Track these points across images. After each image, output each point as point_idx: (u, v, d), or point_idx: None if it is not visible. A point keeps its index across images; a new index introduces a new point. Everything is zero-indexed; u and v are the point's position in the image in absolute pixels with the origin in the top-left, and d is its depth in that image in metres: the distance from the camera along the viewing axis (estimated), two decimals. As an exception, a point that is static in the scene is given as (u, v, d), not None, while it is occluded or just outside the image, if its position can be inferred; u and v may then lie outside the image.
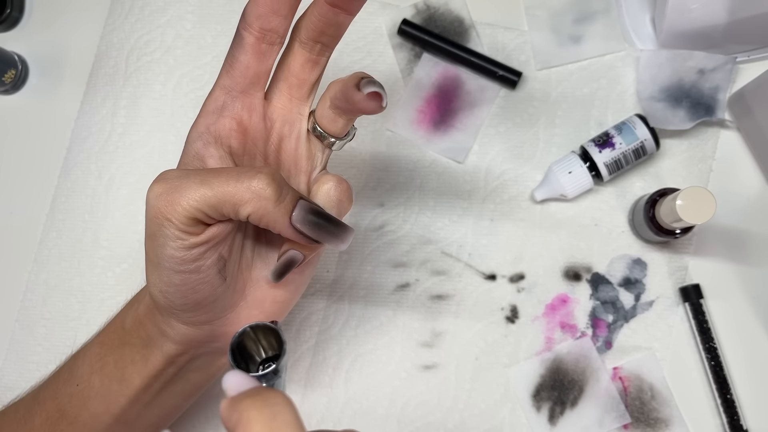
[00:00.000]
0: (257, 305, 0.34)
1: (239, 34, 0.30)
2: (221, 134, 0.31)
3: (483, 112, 0.50)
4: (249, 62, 0.30)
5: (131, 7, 0.53)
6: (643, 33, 0.50)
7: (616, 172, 0.47)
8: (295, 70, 0.32)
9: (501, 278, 0.48)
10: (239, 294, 0.34)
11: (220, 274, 0.31)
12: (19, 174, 0.52)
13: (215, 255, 0.30)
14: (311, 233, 0.29)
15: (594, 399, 0.46)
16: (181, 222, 0.28)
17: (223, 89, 0.31)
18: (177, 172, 0.29)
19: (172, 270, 0.30)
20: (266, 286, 0.34)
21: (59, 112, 0.52)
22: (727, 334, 0.47)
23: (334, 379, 0.48)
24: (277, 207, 0.28)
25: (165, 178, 0.29)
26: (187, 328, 0.33)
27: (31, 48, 0.53)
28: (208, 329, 0.33)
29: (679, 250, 0.48)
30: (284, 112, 0.33)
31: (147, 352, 0.34)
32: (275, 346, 0.28)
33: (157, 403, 0.36)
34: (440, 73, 0.50)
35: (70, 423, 0.35)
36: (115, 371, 0.35)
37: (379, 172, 0.50)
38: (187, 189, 0.28)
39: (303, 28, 0.31)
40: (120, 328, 0.36)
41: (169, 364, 0.34)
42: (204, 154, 0.31)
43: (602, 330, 0.47)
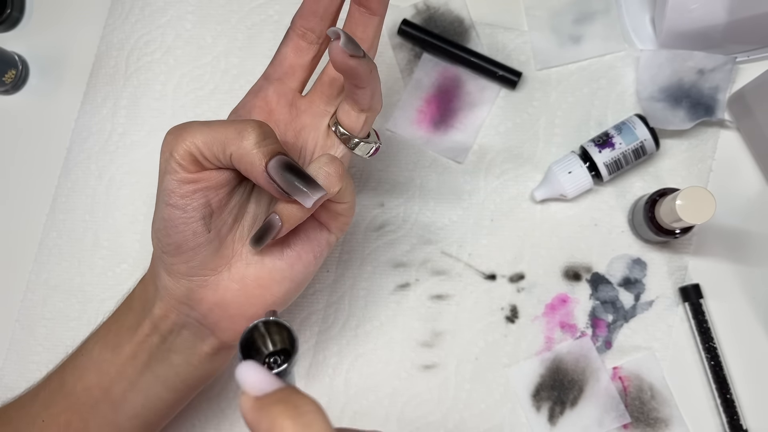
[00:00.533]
0: (238, 280, 0.35)
1: (287, 32, 0.36)
2: (250, 111, 0.36)
3: (483, 112, 0.50)
4: (287, 54, 0.36)
5: (131, 8, 0.53)
6: (643, 33, 0.50)
7: (615, 172, 0.47)
8: (328, 69, 0.36)
9: (501, 278, 0.48)
10: (223, 259, 0.35)
11: (204, 222, 0.33)
12: (19, 174, 0.52)
13: (203, 199, 0.33)
14: (281, 182, 0.31)
15: (594, 399, 0.46)
16: (180, 156, 0.31)
17: (264, 76, 0.37)
18: (192, 121, 0.33)
19: (164, 202, 0.33)
20: (252, 264, 0.35)
21: (59, 112, 0.53)
22: (727, 334, 0.47)
23: (334, 379, 0.48)
24: (256, 151, 0.31)
25: (181, 123, 0.33)
26: (169, 280, 0.35)
27: (32, 48, 0.54)
28: (185, 285, 0.35)
29: (678, 250, 0.48)
30: (312, 106, 0.37)
31: (140, 318, 0.36)
32: (286, 342, 0.27)
33: (142, 386, 0.36)
34: (440, 74, 0.51)
35: (65, 395, 0.36)
36: (112, 339, 0.37)
37: (380, 172, 0.50)
38: (191, 128, 0.32)
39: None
40: (129, 297, 0.38)
41: (153, 330, 0.36)
42: None
43: (602, 330, 0.47)
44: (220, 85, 0.52)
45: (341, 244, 0.49)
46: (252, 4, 0.52)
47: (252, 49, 0.52)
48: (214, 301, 0.35)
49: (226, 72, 0.52)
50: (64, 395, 0.36)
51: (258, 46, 0.52)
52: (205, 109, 0.52)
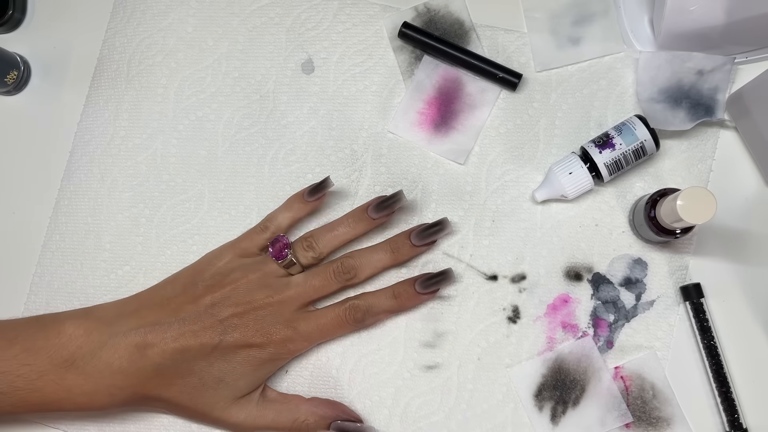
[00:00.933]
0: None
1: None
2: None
3: (483, 113, 0.50)
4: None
5: (133, 11, 0.53)
6: (642, 34, 0.50)
7: (616, 172, 0.47)
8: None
9: (502, 279, 0.49)
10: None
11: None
12: (21, 175, 0.52)
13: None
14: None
15: (596, 398, 0.47)
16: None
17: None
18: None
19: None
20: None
21: (62, 112, 0.53)
22: (728, 333, 0.47)
23: (338, 380, 0.48)
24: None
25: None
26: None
27: (34, 49, 0.54)
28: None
29: (679, 250, 0.48)
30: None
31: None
32: None
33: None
34: (441, 75, 0.51)
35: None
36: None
37: (381, 175, 0.50)
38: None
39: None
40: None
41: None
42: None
43: (603, 330, 0.48)
44: (222, 87, 0.52)
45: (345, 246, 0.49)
46: (253, 6, 0.53)
47: (253, 51, 0.52)
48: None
49: (227, 75, 0.52)
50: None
51: (259, 48, 0.52)
52: (207, 111, 0.52)
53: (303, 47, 0.52)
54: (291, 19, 0.52)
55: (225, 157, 0.51)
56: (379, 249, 0.46)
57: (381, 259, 0.46)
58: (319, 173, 0.51)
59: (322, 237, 0.46)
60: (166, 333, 0.42)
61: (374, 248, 0.46)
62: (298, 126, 0.51)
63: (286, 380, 0.48)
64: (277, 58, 0.52)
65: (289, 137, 0.51)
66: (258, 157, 0.51)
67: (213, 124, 0.52)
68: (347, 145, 0.51)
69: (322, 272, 0.45)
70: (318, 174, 0.51)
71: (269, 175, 0.51)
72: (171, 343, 0.42)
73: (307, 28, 0.52)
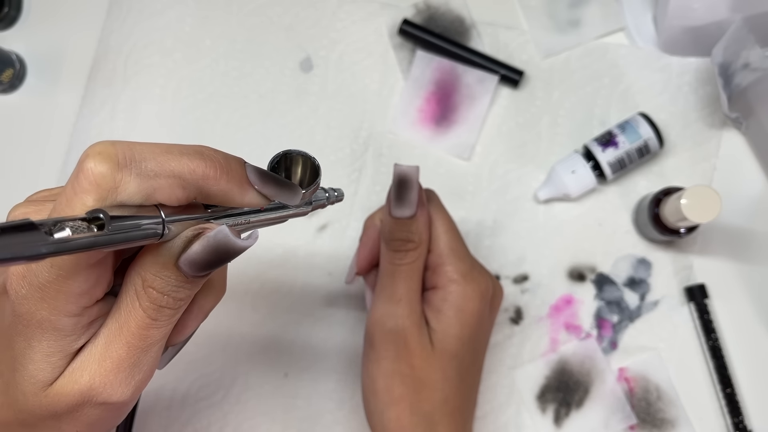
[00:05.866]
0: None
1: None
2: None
3: (484, 103, 0.49)
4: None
5: (129, 9, 0.52)
6: (645, 31, 0.50)
7: (619, 171, 0.47)
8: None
9: (505, 279, 0.48)
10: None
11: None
12: (17, 175, 0.52)
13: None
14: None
15: (599, 400, 0.46)
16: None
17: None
18: None
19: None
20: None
21: (57, 111, 0.52)
22: (732, 335, 0.46)
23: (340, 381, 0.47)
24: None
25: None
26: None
27: (29, 47, 0.53)
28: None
29: (683, 250, 0.48)
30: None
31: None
32: (307, 172, 0.28)
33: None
34: (436, 69, 0.50)
35: None
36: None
37: (382, 175, 0.50)
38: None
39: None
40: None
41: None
42: None
43: (607, 330, 0.47)
44: (220, 88, 0.51)
45: (350, 247, 0.48)
46: (251, 5, 0.52)
47: (252, 50, 0.52)
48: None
49: (225, 74, 0.52)
50: None
51: (258, 47, 0.52)
52: (205, 112, 0.51)
53: (301, 46, 0.51)
54: (289, 17, 0.52)
55: (223, 157, 0.51)
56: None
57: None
58: (319, 173, 0.50)
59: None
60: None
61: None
62: (297, 125, 0.51)
63: (286, 383, 0.48)
64: (275, 56, 0.51)
65: (288, 137, 0.51)
66: (257, 157, 0.50)
67: (211, 124, 0.51)
68: (347, 145, 0.50)
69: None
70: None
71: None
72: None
73: (305, 26, 0.52)
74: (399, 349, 0.37)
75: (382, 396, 0.38)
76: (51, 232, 0.18)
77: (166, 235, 0.22)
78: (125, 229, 0.21)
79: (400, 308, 0.37)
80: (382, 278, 0.39)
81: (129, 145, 0.22)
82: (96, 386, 0.24)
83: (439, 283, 0.38)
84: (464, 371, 0.38)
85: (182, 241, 0.23)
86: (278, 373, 0.48)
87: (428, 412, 0.37)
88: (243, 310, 0.48)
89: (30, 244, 0.18)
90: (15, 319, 0.24)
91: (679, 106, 0.49)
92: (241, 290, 0.48)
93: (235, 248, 0.23)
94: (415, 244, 0.37)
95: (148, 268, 0.23)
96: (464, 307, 0.37)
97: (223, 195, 0.25)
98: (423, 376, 0.37)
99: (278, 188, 0.27)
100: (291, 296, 0.48)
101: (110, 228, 0.20)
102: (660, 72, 0.50)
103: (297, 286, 0.49)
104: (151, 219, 0.22)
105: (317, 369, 0.48)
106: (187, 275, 0.23)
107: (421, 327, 0.37)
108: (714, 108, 0.49)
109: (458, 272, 0.38)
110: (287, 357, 0.48)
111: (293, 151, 0.28)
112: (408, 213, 0.37)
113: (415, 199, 0.37)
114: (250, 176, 0.26)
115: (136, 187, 0.22)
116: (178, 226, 0.23)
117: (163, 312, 0.24)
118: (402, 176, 0.37)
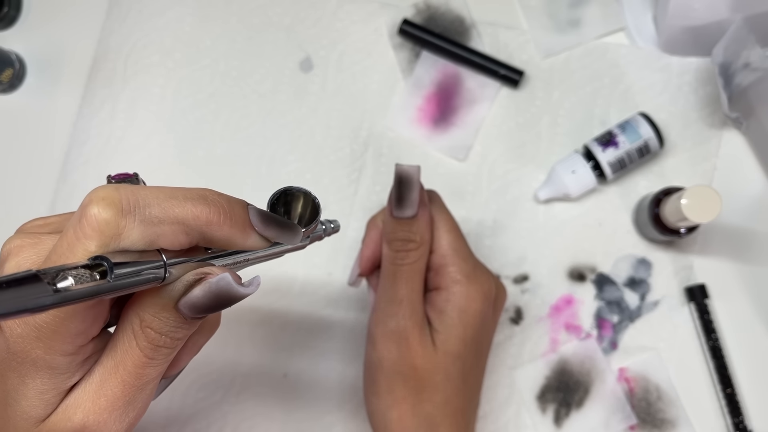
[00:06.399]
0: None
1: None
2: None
3: (483, 109, 0.50)
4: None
5: (129, 9, 0.52)
6: (645, 31, 0.50)
7: (619, 171, 0.47)
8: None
9: (505, 279, 0.48)
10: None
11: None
12: (16, 176, 0.51)
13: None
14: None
15: (600, 400, 0.46)
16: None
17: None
18: None
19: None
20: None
21: (57, 111, 0.52)
22: (733, 335, 0.46)
23: (340, 381, 0.47)
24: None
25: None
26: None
27: (29, 47, 0.53)
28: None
29: (684, 250, 0.47)
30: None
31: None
32: (307, 209, 0.28)
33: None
34: (440, 71, 0.50)
35: None
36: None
37: (381, 175, 0.50)
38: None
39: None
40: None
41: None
42: None
43: (607, 330, 0.47)
44: (220, 87, 0.51)
45: (351, 248, 0.48)
46: (252, 5, 0.52)
47: (252, 50, 0.52)
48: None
49: (226, 74, 0.51)
50: None
51: (258, 47, 0.52)
52: (205, 112, 0.51)
53: (301, 46, 0.51)
54: (290, 17, 0.52)
55: (223, 157, 0.51)
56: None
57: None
58: (318, 173, 0.50)
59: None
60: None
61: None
62: (297, 125, 0.51)
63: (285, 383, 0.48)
64: (275, 56, 0.51)
65: (287, 137, 0.50)
66: (256, 157, 0.50)
67: (211, 124, 0.51)
68: (347, 144, 0.50)
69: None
70: (317, 174, 0.50)
71: (267, 175, 0.50)
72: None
73: (305, 26, 0.52)
74: (401, 349, 0.37)
75: (384, 397, 0.38)
76: (54, 281, 0.18)
77: (167, 278, 0.22)
78: (127, 275, 0.20)
79: (401, 309, 0.37)
80: (384, 279, 0.38)
81: (133, 190, 0.22)
82: (90, 424, 0.24)
83: (441, 283, 0.38)
84: (467, 372, 0.38)
85: (183, 285, 0.23)
86: (278, 373, 0.47)
87: (430, 413, 0.37)
88: (242, 311, 0.48)
89: (34, 297, 0.17)
90: (9, 356, 0.24)
91: (679, 106, 0.49)
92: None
93: (236, 295, 0.23)
94: (417, 245, 0.37)
95: (147, 308, 0.23)
96: (467, 308, 0.37)
97: (226, 240, 0.25)
98: (425, 378, 0.37)
99: (280, 230, 0.27)
100: (290, 296, 0.48)
101: (113, 276, 0.20)
102: (660, 72, 0.49)
103: (296, 286, 0.49)
104: (153, 263, 0.22)
105: (317, 369, 0.48)
106: (186, 317, 0.23)
107: (423, 328, 0.37)
108: (714, 108, 0.49)
109: (461, 273, 0.37)
110: (286, 357, 0.48)
111: (294, 188, 0.28)
112: (409, 213, 0.37)
113: (416, 199, 0.37)
114: (252, 219, 0.26)
115: (139, 234, 0.21)
116: (178, 269, 0.23)
117: (160, 351, 0.24)
118: (403, 176, 0.37)
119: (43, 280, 0.18)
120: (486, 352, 0.40)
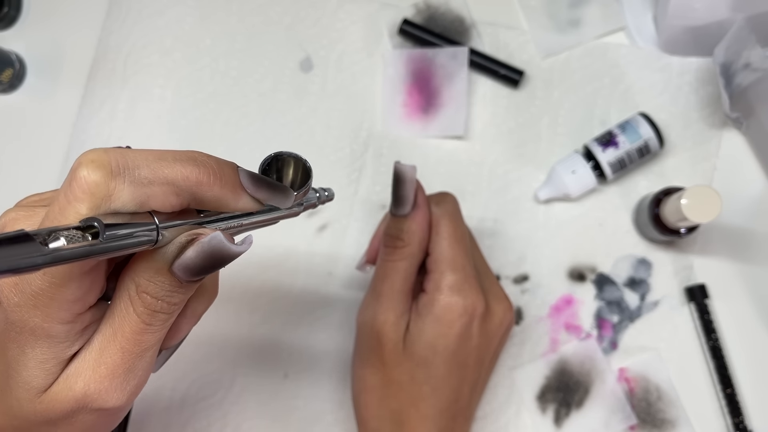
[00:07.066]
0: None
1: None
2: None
3: (462, 77, 0.49)
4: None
5: (129, 9, 0.52)
6: (645, 31, 0.50)
7: (619, 171, 0.47)
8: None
9: (505, 279, 0.48)
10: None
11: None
12: (16, 176, 0.51)
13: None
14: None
15: (600, 400, 0.46)
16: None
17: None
18: None
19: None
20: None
21: (57, 110, 0.52)
22: (733, 335, 0.46)
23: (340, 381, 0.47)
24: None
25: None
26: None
27: (29, 47, 0.53)
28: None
29: (684, 250, 0.47)
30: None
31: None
32: (299, 174, 0.28)
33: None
34: (408, 61, 0.50)
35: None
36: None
37: (381, 175, 0.50)
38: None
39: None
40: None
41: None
42: None
43: (607, 330, 0.47)
44: (220, 87, 0.51)
45: (350, 247, 0.48)
46: (252, 4, 0.52)
47: (252, 50, 0.52)
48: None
49: (225, 74, 0.51)
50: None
51: (258, 47, 0.52)
52: (205, 111, 0.51)
53: (302, 45, 0.51)
54: (290, 17, 0.52)
55: (223, 157, 0.51)
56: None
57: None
58: (318, 173, 0.50)
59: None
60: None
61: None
62: (297, 125, 0.51)
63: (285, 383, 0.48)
64: (275, 56, 0.51)
65: (287, 136, 0.50)
66: (256, 157, 0.50)
67: (211, 124, 0.51)
68: (347, 144, 0.50)
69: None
70: (317, 174, 0.50)
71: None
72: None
73: (305, 25, 0.51)
74: (372, 342, 0.38)
75: (357, 382, 0.40)
76: (46, 242, 0.18)
77: (160, 241, 0.22)
78: (120, 237, 0.20)
79: (378, 304, 0.38)
80: (375, 272, 0.40)
81: (122, 152, 0.22)
82: (91, 392, 0.24)
83: (427, 288, 0.38)
84: (438, 382, 0.37)
85: (176, 247, 0.23)
86: (278, 373, 0.47)
87: (396, 409, 0.38)
88: (242, 310, 0.48)
89: (26, 256, 0.17)
90: (7, 327, 0.24)
91: (679, 106, 0.49)
92: (240, 290, 0.48)
93: (229, 254, 0.23)
94: (404, 243, 0.38)
95: (142, 273, 0.23)
96: (442, 318, 0.37)
97: (217, 201, 0.24)
98: (392, 374, 0.38)
99: (271, 192, 0.27)
100: (290, 296, 0.48)
101: (105, 237, 0.20)
102: (660, 72, 0.49)
103: (296, 286, 0.49)
104: (145, 226, 0.22)
105: (317, 369, 0.48)
106: (181, 280, 0.23)
107: (397, 325, 0.38)
108: (714, 108, 0.49)
109: (446, 282, 0.37)
110: (287, 357, 0.48)
111: (284, 153, 0.28)
112: (402, 211, 0.38)
113: (409, 198, 0.37)
114: (243, 181, 0.26)
115: (129, 195, 0.21)
116: (171, 232, 0.23)
117: (158, 317, 0.24)
118: (398, 174, 0.37)
119: (35, 240, 0.18)
120: (470, 368, 0.39)
